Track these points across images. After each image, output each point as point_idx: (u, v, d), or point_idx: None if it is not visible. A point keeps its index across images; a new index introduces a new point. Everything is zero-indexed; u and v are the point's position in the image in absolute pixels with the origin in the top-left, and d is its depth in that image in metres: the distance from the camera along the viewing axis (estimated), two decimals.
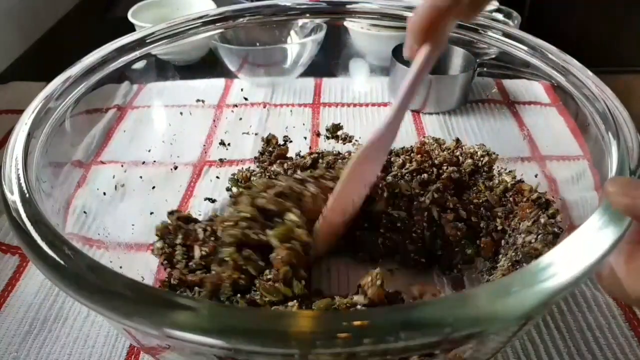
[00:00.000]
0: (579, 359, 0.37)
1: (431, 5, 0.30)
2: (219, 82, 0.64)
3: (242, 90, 0.62)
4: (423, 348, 0.22)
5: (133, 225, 0.45)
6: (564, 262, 0.23)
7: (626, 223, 0.25)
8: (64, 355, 0.38)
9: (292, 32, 0.61)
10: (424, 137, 0.55)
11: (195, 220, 0.45)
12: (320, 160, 0.52)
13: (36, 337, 0.39)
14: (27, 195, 0.28)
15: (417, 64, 0.33)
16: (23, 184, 0.29)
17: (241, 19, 0.51)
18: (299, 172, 0.48)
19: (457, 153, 0.51)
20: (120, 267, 0.39)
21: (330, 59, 0.63)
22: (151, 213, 0.46)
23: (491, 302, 0.22)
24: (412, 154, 0.51)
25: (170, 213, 0.46)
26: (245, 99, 0.62)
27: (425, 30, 0.31)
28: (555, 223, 0.40)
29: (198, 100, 0.58)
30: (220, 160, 0.56)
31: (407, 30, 0.32)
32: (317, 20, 0.57)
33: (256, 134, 0.59)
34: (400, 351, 0.21)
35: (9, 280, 0.44)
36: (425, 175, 0.47)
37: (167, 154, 0.53)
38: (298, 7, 0.53)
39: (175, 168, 0.54)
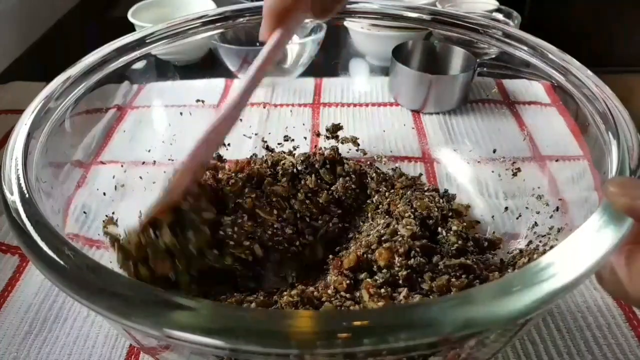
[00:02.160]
0: (579, 359, 0.37)
1: None
2: (219, 82, 0.64)
3: None
4: (423, 348, 0.22)
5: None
6: (564, 263, 0.23)
7: (627, 224, 0.25)
8: (64, 355, 0.38)
9: None
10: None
11: None
12: None
13: (36, 337, 0.39)
14: (27, 195, 0.28)
15: (267, 47, 0.35)
16: (23, 184, 0.29)
17: (241, 19, 0.51)
18: None
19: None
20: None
21: (330, 59, 0.63)
22: None
23: (491, 302, 0.22)
24: None
25: None
26: None
27: (275, 17, 0.34)
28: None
29: (198, 101, 0.58)
30: (220, 159, 0.56)
31: (263, 14, 0.34)
32: (317, 20, 0.57)
33: (256, 134, 0.59)
34: (400, 351, 0.21)
35: (9, 280, 0.44)
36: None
37: (167, 154, 0.53)
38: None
39: None
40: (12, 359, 0.38)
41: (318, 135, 0.60)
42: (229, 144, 0.57)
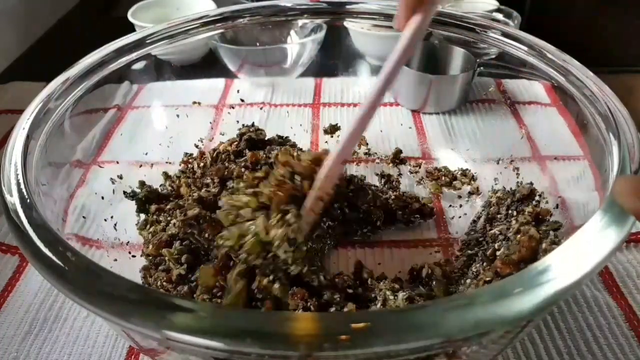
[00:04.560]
0: (579, 359, 0.37)
1: None
2: (218, 82, 0.64)
3: (238, 92, 0.62)
4: (425, 350, 0.22)
5: (134, 225, 0.45)
6: (566, 264, 0.23)
7: (628, 225, 0.25)
8: (64, 355, 0.38)
9: (292, 32, 0.61)
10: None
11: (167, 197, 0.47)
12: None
13: (36, 338, 0.39)
14: (26, 196, 0.28)
15: (407, 34, 0.32)
16: (22, 186, 0.29)
17: (241, 20, 0.51)
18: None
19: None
20: (120, 270, 0.39)
21: (330, 59, 0.63)
22: None
23: (493, 304, 0.22)
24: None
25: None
26: (242, 100, 0.62)
27: (412, 2, 0.31)
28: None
29: (194, 102, 0.58)
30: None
31: (400, 1, 0.31)
32: (317, 21, 0.57)
33: None
34: (401, 354, 0.21)
35: (8, 280, 0.44)
36: None
37: (167, 155, 0.53)
38: (298, 7, 0.53)
39: None
40: (12, 359, 0.38)
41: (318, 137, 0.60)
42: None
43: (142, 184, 0.48)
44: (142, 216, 0.46)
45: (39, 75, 0.62)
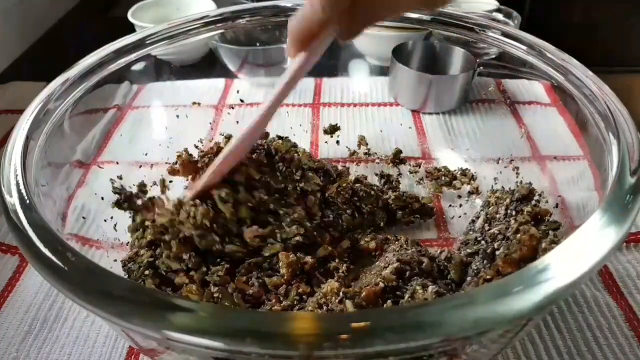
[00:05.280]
0: (579, 359, 0.37)
1: (305, 17, 0.31)
2: (218, 83, 0.64)
3: (238, 92, 0.62)
4: (425, 349, 0.22)
5: None
6: (565, 263, 0.23)
7: (627, 224, 0.25)
8: (64, 355, 0.38)
9: None
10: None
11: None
12: None
13: (36, 337, 0.39)
14: (26, 197, 0.28)
15: (292, 69, 0.34)
16: (22, 186, 0.29)
17: (241, 20, 0.51)
18: None
19: None
20: (120, 270, 0.39)
21: (330, 59, 0.63)
22: None
23: (493, 302, 0.22)
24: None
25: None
26: (242, 100, 0.62)
27: (300, 40, 0.32)
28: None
29: (194, 103, 0.58)
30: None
31: (288, 34, 0.33)
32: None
33: None
34: (400, 352, 0.21)
35: (8, 280, 0.44)
36: None
37: (166, 155, 0.53)
38: (298, 7, 0.52)
39: None
40: (12, 359, 0.38)
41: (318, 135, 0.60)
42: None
43: (141, 186, 0.47)
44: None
45: (39, 75, 0.63)
